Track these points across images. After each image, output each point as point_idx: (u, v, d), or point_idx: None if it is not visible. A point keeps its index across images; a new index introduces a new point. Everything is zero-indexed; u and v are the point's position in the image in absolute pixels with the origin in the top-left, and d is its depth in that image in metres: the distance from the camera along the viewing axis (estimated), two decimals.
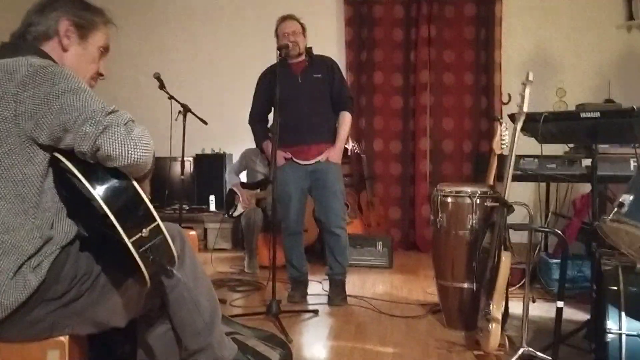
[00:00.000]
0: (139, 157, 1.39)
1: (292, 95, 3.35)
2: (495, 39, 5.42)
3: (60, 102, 1.38)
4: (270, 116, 3.57)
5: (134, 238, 1.38)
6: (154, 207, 1.45)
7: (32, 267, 1.41)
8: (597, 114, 2.44)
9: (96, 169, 1.41)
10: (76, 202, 1.46)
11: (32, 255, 1.41)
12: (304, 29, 3.51)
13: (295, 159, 3.51)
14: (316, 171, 3.50)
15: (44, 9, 1.59)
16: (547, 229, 3.48)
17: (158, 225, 1.44)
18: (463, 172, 5.52)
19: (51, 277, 1.44)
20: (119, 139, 1.36)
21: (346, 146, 5.37)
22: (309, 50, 3.54)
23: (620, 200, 1.69)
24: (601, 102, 4.93)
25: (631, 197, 1.68)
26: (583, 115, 2.49)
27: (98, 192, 1.38)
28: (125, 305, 1.59)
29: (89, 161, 1.40)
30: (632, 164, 3.11)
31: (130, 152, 1.37)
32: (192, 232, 5.15)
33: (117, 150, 1.36)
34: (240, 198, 4.69)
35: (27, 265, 1.41)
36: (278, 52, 3.27)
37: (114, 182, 1.41)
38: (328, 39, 5.51)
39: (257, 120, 3.66)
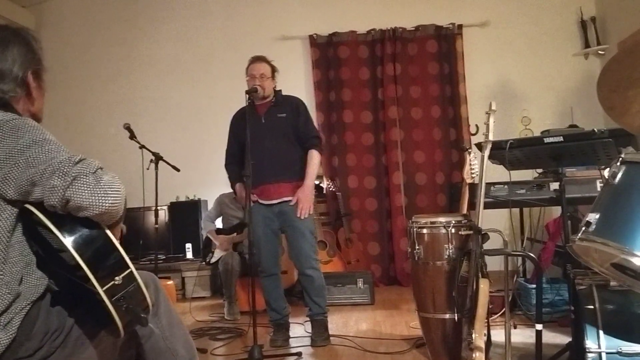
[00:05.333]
0: (110, 205, 1.37)
1: (256, 136, 3.35)
2: (458, 73, 5.59)
3: (26, 156, 1.37)
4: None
5: (106, 286, 1.36)
6: (129, 259, 1.42)
7: (3, 325, 1.37)
8: (560, 138, 2.52)
9: (66, 218, 1.39)
10: (47, 254, 1.43)
11: (2, 312, 1.37)
12: (274, 71, 3.55)
13: (259, 200, 3.49)
14: (283, 212, 3.48)
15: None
16: (520, 253, 3.52)
17: (131, 272, 1.42)
18: (438, 203, 5.57)
19: (22, 334, 1.40)
20: (89, 188, 1.35)
21: (321, 185, 5.45)
22: (276, 92, 3.58)
23: (587, 219, 1.73)
24: (565, 127, 5.07)
25: (597, 216, 1.71)
26: (547, 140, 2.56)
27: (69, 241, 1.36)
28: (100, 358, 1.54)
29: (60, 212, 1.38)
30: (599, 184, 3.18)
31: (100, 200, 1.36)
32: (169, 282, 5.07)
33: (88, 200, 1.35)
34: (217, 244, 4.64)
35: None
36: (247, 95, 3.31)
37: (85, 231, 1.39)
38: (297, 80, 5.61)
39: (230, 162, 3.67)
